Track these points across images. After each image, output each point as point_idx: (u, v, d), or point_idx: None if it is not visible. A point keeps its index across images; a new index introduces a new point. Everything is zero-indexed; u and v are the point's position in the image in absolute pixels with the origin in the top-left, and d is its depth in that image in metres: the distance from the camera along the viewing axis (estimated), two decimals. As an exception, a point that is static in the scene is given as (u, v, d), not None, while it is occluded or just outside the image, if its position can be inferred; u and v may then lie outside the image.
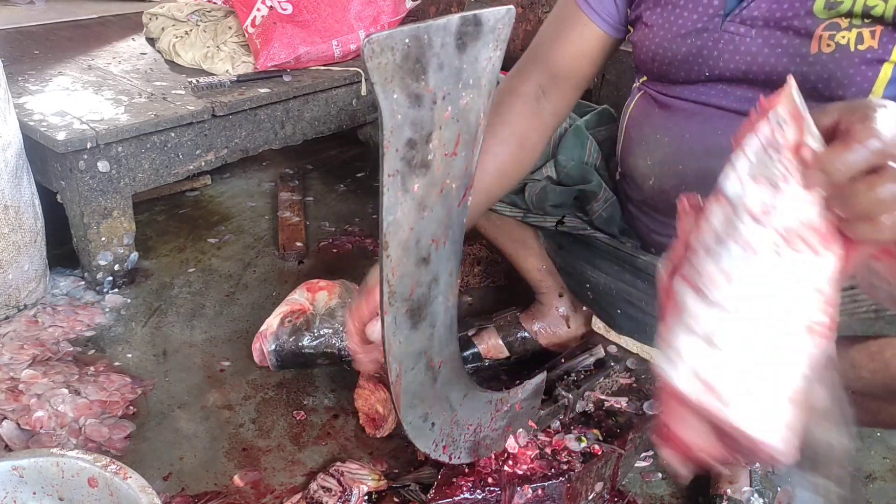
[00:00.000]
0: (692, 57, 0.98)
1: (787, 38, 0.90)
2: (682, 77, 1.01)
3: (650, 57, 1.03)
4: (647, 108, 1.09)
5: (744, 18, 0.94)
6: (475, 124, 0.74)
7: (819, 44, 0.88)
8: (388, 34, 0.60)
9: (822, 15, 0.88)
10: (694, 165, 1.01)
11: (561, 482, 1.02)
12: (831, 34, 0.87)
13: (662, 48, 1.01)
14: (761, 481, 1.11)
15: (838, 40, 0.87)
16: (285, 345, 1.33)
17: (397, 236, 0.73)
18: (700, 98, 1.00)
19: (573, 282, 1.29)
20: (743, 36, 0.94)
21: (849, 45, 0.87)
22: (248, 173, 2.21)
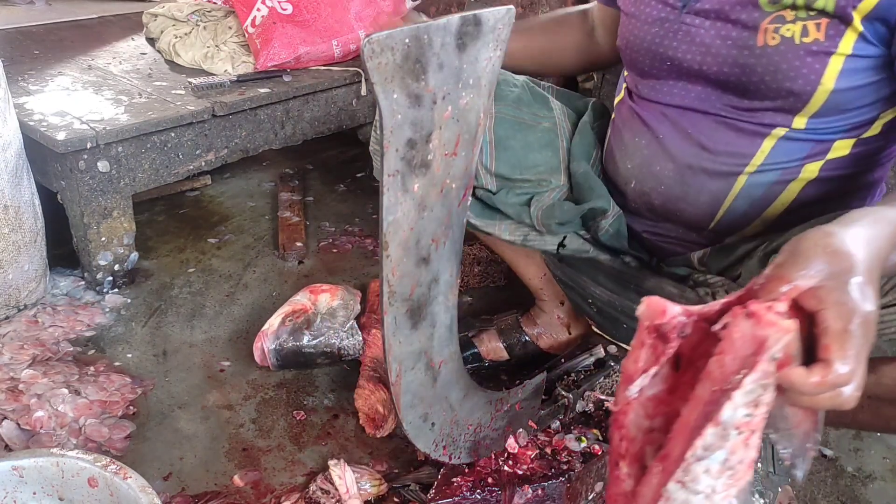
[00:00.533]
0: (655, 46, 1.02)
1: (736, 31, 0.93)
2: (647, 66, 1.05)
3: (624, 43, 1.09)
4: (627, 115, 1.12)
5: (698, 10, 0.97)
6: (475, 124, 0.74)
7: (765, 36, 0.90)
8: (387, 34, 0.60)
9: (768, 8, 0.90)
10: (669, 166, 1.04)
11: (561, 482, 1.02)
12: (776, 27, 0.90)
13: (633, 35, 1.06)
14: (762, 481, 1.10)
15: (783, 33, 0.89)
16: (285, 344, 1.33)
17: (397, 236, 0.73)
18: (665, 98, 1.04)
19: (574, 294, 1.28)
20: (698, 27, 0.97)
21: (793, 38, 0.89)
22: (248, 173, 2.21)
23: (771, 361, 0.55)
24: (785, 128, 0.95)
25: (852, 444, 1.30)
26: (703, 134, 1.01)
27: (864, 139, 0.96)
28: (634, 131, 1.09)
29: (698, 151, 1.01)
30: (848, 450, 1.29)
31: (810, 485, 1.21)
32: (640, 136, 1.08)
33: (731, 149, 0.99)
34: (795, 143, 0.96)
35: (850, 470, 1.24)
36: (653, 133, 1.06)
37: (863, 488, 1.21)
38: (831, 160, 0.97)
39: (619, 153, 1.12)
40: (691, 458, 0.56)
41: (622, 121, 1.13)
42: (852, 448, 1.29)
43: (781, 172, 0.98)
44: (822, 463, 1.25)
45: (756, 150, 0.98)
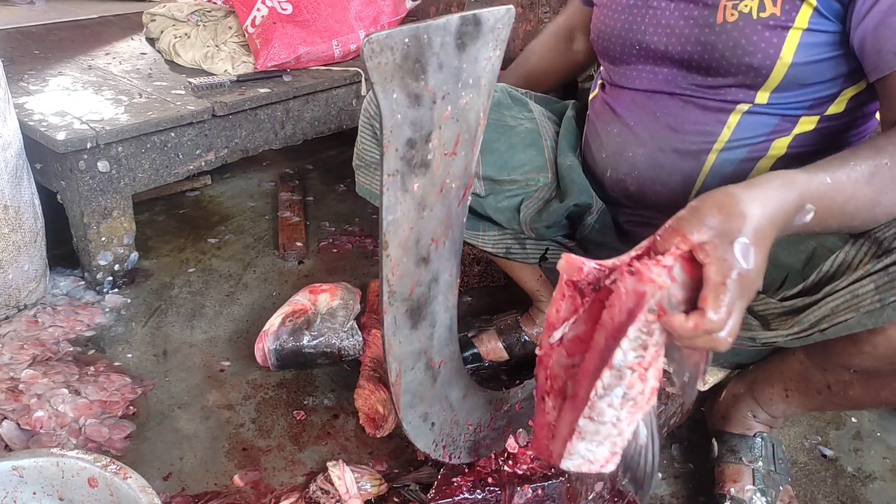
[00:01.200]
0: (625, 32, 1.05)
1: (697, 10, 0.96)
2: (617, 53, 1.08)
3: (596, 34, 1.12)
4: (599, 107, 1.15)
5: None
6: (475, 124, 0.74)
7: (724, 13, 0.93)
8: (387, 34, 0.60)
9: None
10: (640, 150, 1.06)
11: (561, 482, 1.02)
12: (734, 3, 0.92)
13: (603, 24, 1.09)
14: (763, 480, 1.11)
15: (741, 9, 0.91)
16: (285, 344, 1.33)
17: (397, 236, 0.73)
18: (634, 83, 1.07)
19: None
20: (663, 10, 1.00)
21: (751, 13, 0.91)
22: (248, 173, 2.21)
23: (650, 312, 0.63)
24: (748, 103, 0.96)
25: (852, 444, 1.30)
26: (670, 115, 1.03)
27: (828, 116, 0.97)
28: (606, 121, 1.11)
29: (667, 133, 1.03)
30: (848, 450, 1.29)
31: (810, 485, 1.21)
32: (611, 125, 1.10)
33: (699, 127, 1.00)
34: (760, 118, 0.97)
35: (850, 470, 1.24)
36: (623, 121, 1.08)
37: (863, 488, 1.21)
38: (799, 135, 0.98)
39: (595, 144, 1.14)
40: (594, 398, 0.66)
41: (595, 113, 1.15)
42: (852, 448, 1.29)
43: (749, 149, 0.99)
44: (822, 463, 1.25)
45: (722, 127, 0.99)
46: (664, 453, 1.25)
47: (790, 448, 1.27)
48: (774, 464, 1.13)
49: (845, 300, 0.83)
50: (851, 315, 0.82)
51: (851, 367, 0.94)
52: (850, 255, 0.85)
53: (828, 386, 1.01)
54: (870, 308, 0.81)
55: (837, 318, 0.84)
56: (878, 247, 0.83)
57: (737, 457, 1.13)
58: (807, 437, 1.31)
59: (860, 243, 0.85)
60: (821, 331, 0.86)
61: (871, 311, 0.81)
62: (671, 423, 1.20)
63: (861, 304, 0.82)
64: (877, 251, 0.83)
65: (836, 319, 0.84)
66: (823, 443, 1.29)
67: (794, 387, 1.07)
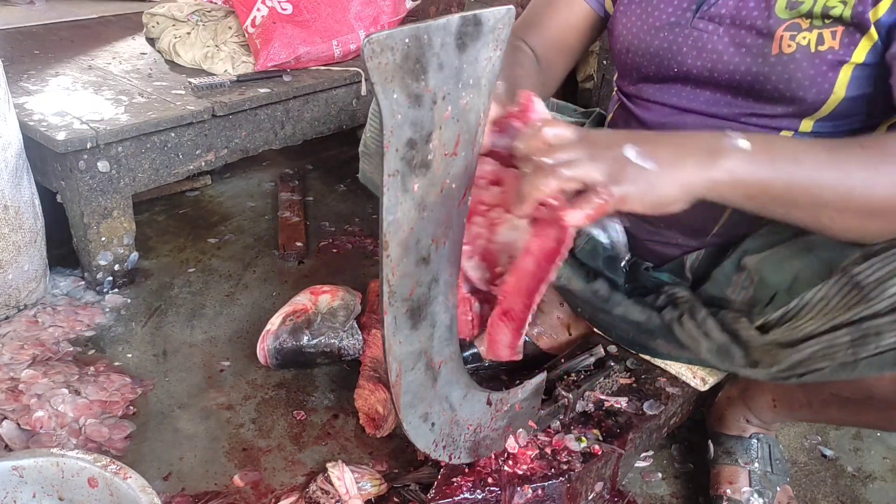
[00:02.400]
0: (663, 51, 0.99)
1: (751, 38, 0.91)
2: (652, 72, 1.02)
3: (625, 48, 1.04)
4: (624, 118, 1.10)
5: (712, 15, 0.94)
6: (475, 124, 0.74)
7: (780, 44, 0.89)
8: (387, 34, 0.60)
9: (784, 15, 0.88)
10: None
11: (561, 482, 1.02)
12: (792, 34, 0.88)
13: (638, 39, 1.02)
14: (760, 481, 1.11)
15: (799, 41, 0.87)
16: (285, 343, 1.33)
17: (397, 236, 0.73)
18: (671, 101, 1.01)
19: (569, 296, 1.29)
20: (711, 33, 0.95)
21: (809, 45, 0.87)
22: (248, 173, 2.21)
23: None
24: (791, 131, 0.94)
25: (852, 444, 1.30)
26: None
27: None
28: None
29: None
30: (848, 450, 1.29)
31: (810, 485, 1.21)
32: None
33: None
34: None
35: (850, 470, 1.24)
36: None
37: (863, 488, 1.21)
38: None
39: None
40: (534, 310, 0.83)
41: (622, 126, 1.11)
42: (852, 448, 1.29)
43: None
44: (822, 463, 1.25)
45: None
46: (664, 453, 1.25)
47: (790, 448, 1.27)
48: (771, 464, 1.13)
49: (822, 348, 0.83)
50: (827, 364, 0.82)
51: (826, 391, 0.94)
52: (831, 293, 0.84)
53: (809, 403, 1.01)
54: (844, 360, 0.81)
55: (814, 365, 0.84)
56: (858, 292, 0.81)
57: (733, 458, 1.13)
58: (807, 437, 1.31)
59: (842, 283, 0.83)
60: (797, 375, 0.86)
61: (845, 364, 0.81)
62: (671, 423, 1.20)
63: (836, 355, 0.81)
64: (856, 297, 0.81)
65: (812, 366, 0.84)
66: (823, 443, 1.30)
67: (780, 399, 1.08)
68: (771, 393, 1.08)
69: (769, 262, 0.94)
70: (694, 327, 1.01)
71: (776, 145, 0.76)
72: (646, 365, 1.22)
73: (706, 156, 0.72)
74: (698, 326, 1.01)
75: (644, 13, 1.01)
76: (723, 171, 0.72)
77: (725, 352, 0.96)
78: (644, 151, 0.70)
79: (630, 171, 0.69)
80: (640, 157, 0.70)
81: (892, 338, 0.77)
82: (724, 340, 0.97)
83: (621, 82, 1.12)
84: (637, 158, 0.70)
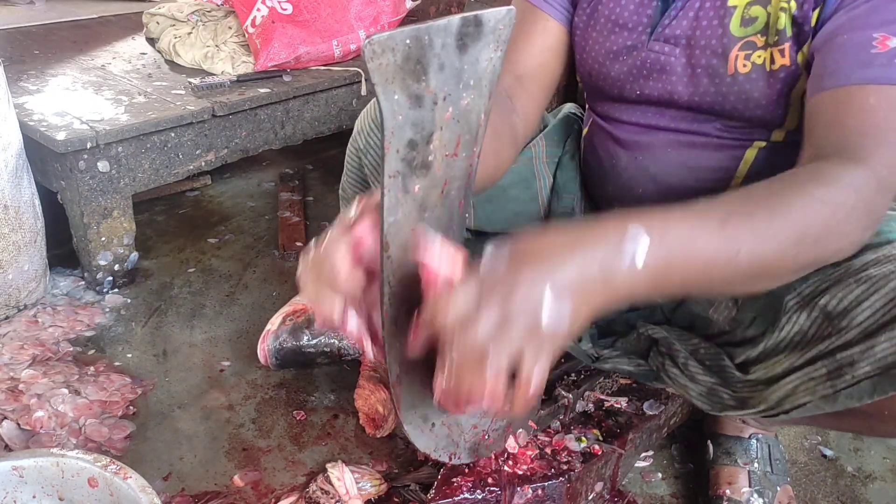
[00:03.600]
0: (623, 76, 0.97)
1: (706, 58, 0.89)
2: (615, 94, 1.00)
3: (587, 72, 1.03)
4: (599, 137, 1.08)
5: (667, 37, 0.92)
6: (476, 125, 0.74)
7: (735, 64, 0.87)
8: (388, 35, 0.60)
9: (738, 33, 0.87)
10: (652, 187, 1.01)
11: (561, 482, 1.02)
12: (747, 54, 0.86)
13: (598, 64, 1.00)
14: (760, 481, 1.11)
15: (754, 60, 0.86)
16: (285, 343, 1.33)
17: (398, 237, 0.73)
18: (640, 120, 1.00)
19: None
20: (668, 55, 0.93)
21: (764, 64, 0.86)
22: (248, 173, 2.21)
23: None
24: (763, 141, 0.93)
25: (852, 444, 1.30)
26: (682, 152, 0.97)
27: None
28: (612, 155, 1.05)
29: (681, 170, 0.98)
30: (848, 450, 1.29)
31: (810, 485, 1.21)
32: (617, 159, 1.04)
33: (713, 164, 0.96)
34: (777, 153, 0.95)
35: (850, 470, 1.24)
36: (631, 154, 1.02)
37: (863, 488, 1.21)
38: None
39: (598, 178, 1.09)
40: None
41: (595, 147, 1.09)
42: (852, 448, 1.29)
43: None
44: (822, 463, 1.25)
45: (738, 162, 0.96)
46: (664, 453, 1.25)
47: (790, 448, 1.27)
48: (771, 465, 1.13)
49: (802, 382, 0.82)
50: (809, 399, 0.82)
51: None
52: (805, 326, 0.83)
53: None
54: (824, 393, 0.80)
55: (797, 401, 0.83)
56: (829, 323, 0.81)
57: (732, 459, 1.13)
58: (807, 437, 1.31)
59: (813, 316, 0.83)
60: (784, 412, 0.85)
61: (825, 397, 0.80)
62: (671, 423, 1.20)
63: (816, 389, 0.81)
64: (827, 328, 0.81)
65: (796, 402, 0.83)
66: (823, 443, 1.30)
67: None
68: None
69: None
70: (679, 374, 1.00)
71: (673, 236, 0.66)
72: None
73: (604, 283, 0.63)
74: (683, 373, 1.00)
75: (601, 37, 0.99)
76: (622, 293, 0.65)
77: (714, 394, 0.95)
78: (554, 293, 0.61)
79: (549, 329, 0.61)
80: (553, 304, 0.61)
81: (866, 366, 0.76)
82: (711, 383, 0.96)
83: (591, 101, 1.10)
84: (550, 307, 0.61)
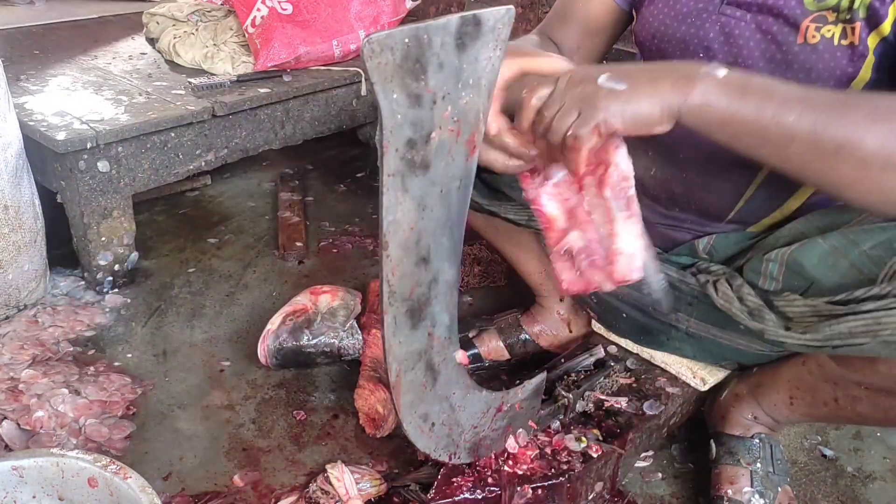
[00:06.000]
0: (689, 37, 1.00)
1: (777, 25, 0.92)
2: (678, 58, 1.03)
3: (651, 34, 1.05)
4: None
5: (740, 2, 0.95)
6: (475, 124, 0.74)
7: (805, 34, 0.90)
8: (387, 34, 0.60)
9: (812, 6, 0.89)
10: (694, 154, 1.03)
11: (561, 482, 1.02)
12: (818, 26, 0.89)
13: (664, 26, 1.03)
14: (762, 482, 1.11)
15: (824, 33, 0.88)
16: (285, 343, 1.33)
17: (397, 236, 0.73)
18: None
19: None
20: (738, 20, 0.95)
21: (833, 38, 0.88)
22: (248, 173, 2.21)
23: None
24: None
25: (852, 444, 1.30)
26: None
27: None
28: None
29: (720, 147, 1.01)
30: (848, 450, 1.29)
31: (810, 485, 1.21)
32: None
33: None
34: None
35: (850, 470, 1.24)
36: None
37: (863, 488, 1.21)
38: None
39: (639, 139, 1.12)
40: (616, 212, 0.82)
41: None
42: (852, 448, 1.29)
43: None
44: (822, 463, 1.25)
45: None
46: (664, 453, 1.25)
47: (790, 448, 1.27)
48: (773, 465, 1.13)
49: (866, 324, 0.81)
50: (868, 340, 0.81)
51: (865, 384, 0.93)
52: (885, 291, 0.82)
53: (835, 399, 1.00)
54: (888, 339, 0.79)
55: (854, 340, 0.82)
56: None
57: (735, 458, 1.13)
58: (807, 437, 1.31)
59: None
60: (833, 346, 0.85)
61: (888, 342, 0.80)
62: (671, 423, 1.20)
63: (881, 333, 0.80)
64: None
65: (851, 340, 0.83)
66: (823, 443, 1.29)
67: (800, 395, 1.06)
68: (789, 390, 1.07)
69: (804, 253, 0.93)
70: (729, 290, 1.00)
71: (753, 78, 0.77)
72: (646, 365, 1.22)
73: (682, 79, 0.75)
74: (734, 291, 0.99)
75: (671, 0, 1.02)
76: (696, 94, 0.75)
77: (758, 314, 0.94)
78: (616, 76, 0.75)
79: (602, 96, 0.74)
80: (610, 81, 0.75)
81: None
82: (759, 304, 0.95)
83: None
84: (608, 82, 0.75)
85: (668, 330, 1.16)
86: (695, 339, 1.14)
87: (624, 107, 0.74)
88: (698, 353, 1.17)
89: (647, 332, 1.20)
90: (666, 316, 1.14)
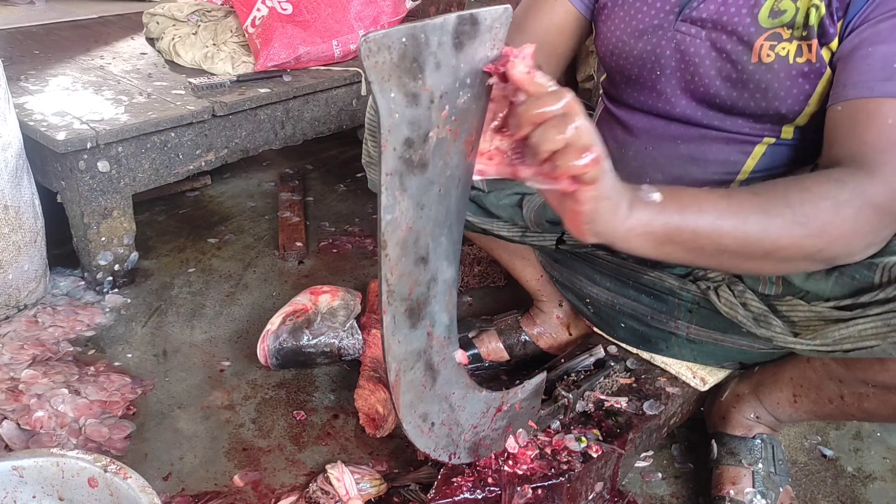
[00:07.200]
0: (646, 55, 0.99)
1: (731, 44, 0.91)
2: (635, 75, 1.02)
3: (609, 50, 1.04)
4: (609, 125, 1.10)
5: (694, 19, 0.94)
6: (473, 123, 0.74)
7: (759, 53, 0.88)
8: (384, 33, 0.60)
9: (766, 24, 0.88)
10: (660, 177, 1.03)
11: (561, 482, 1.02)
12: (772, 45, 0.88)
13: (622, 42, 1.02)
14: (764, 482, 1.10)
15: (778, 51, 0.87)
16: (285, 343, 1.33)
17: (396, 235, 0.73)
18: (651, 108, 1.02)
19: (571, 295, 1.28)
20: (693, 37, 0.94)
21: (788, 57, 0.87)
22: (248, 173, 2.21)
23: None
24: (773, 137, 0.95)
25: (852, 444, 1.30)
26: (691, 144, 0.99)
27: None
28: (620, 142, 1.07)
29: (688, 162, 1.00)
30: (848, 450, 1.28)
31: (810, 485, 1.20)
32: (626, 147, 1.06)
33: (721, 157, 0.98)
34: (785, 149, 0.96)
35: (850, 470, 1.24)
36: (639, 144, 1.04)
37: (863, 488, 1.20)
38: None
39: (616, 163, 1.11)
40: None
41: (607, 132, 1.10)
42: (852, 448, 1.29)
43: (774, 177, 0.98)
44: (822, 463, 1.25)
45: (746, 157, 0.97)
46: (664, 453, 1.25)
47: (790, 448, 1.27)
48: (774, 465, 1.13)
49: (874, 326, 0.82)
50: (877, 343, 0.81)
51: (872, 382, 0.92)
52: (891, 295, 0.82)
53: (841, 396, 0.99)
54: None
55: (863, 343, 0.83)
56: None
57: (736, 459, 1.12)
58: (807, 437, 1.30)
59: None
60: (843, 350, 0.84)
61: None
62: (671, 423, 1.20)
63: (890, 334, 0.80)
64: None
65: (861, 343, 0.83)
66: (823, 443, 1.29)
67: (804, 394, 1.06)
68: (793, 388, 1.07)
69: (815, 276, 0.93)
70: (731, 296, 1.00)
71: (684, 195, 0.76)
72: (646, 365, 1.22)
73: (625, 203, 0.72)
74: (737, 296, 0.99)
75: (627, 16, 1.01)
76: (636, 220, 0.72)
77: (764, 321, 0.94)
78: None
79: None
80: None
81: None
82: (764, 310, 0.95)
83: (606, 85, 1.12)
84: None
85: (667, 337, 1.16)
86: (696, 343, 1.13)
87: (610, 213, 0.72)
88: (699, 356, 1.16)
89: (645, 340, 1.20)
90: (664, 323, 1.14)
